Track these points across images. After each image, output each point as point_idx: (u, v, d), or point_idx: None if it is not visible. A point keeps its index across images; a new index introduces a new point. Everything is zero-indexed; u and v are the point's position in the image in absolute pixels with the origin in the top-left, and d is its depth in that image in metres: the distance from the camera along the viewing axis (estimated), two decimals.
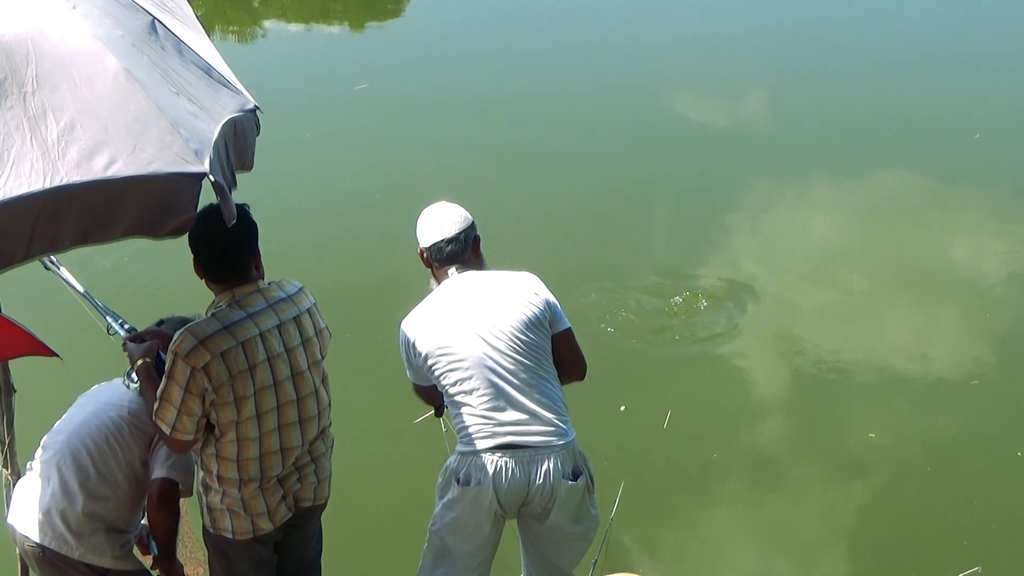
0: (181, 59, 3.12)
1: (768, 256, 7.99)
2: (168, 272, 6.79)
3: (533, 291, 3.97)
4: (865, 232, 8.36)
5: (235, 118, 3.06)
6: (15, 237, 2.60)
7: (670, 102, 10.71)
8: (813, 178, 9.18)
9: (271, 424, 3.63)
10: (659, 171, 9.34)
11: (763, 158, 9.55)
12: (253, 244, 3.57)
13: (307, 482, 3.84)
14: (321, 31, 13.70)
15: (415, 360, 3.95)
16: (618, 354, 6.83)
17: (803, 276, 7.74)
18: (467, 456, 3.89)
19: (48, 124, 2.67)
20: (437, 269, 4.02)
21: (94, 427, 3.92)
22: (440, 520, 4.01)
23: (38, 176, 2.59)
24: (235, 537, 3.77)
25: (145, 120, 2.76)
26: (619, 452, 5.89)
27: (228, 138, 2.99)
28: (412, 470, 4.92)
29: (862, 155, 9.52)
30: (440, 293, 3.98)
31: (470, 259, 4.01)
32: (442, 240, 3.96)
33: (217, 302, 3.58)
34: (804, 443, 6.19)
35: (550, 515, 3.94)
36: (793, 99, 10.83)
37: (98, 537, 3.90)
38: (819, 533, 5.56)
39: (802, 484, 5.88)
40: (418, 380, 4.07)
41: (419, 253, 4.06)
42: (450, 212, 4.03)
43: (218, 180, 2.79)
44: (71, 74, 2.77)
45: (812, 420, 6.37)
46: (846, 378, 6.67)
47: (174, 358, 3.44)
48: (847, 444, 6.13)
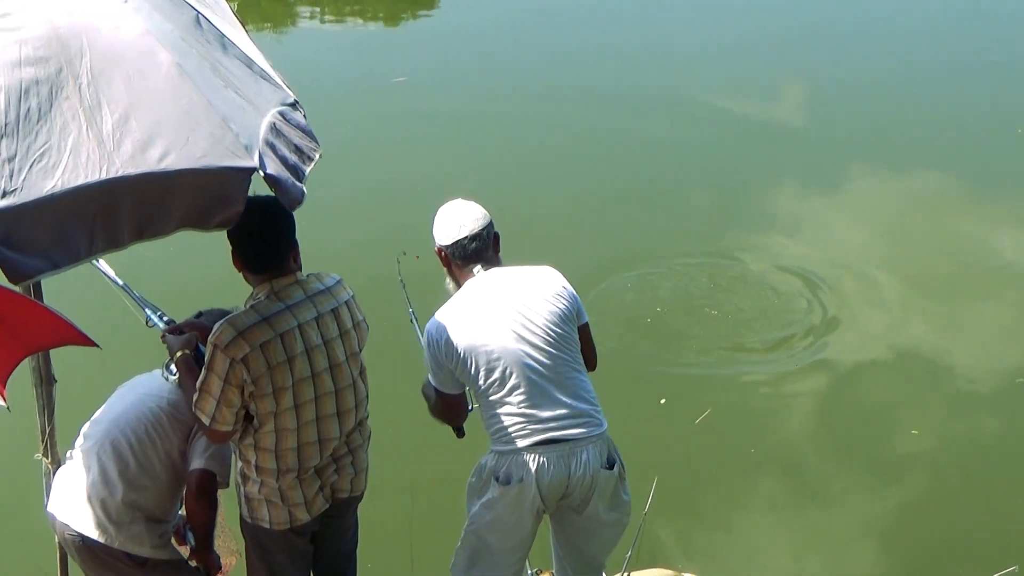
0: (225, 53, 3.15)
1: (811, 255, 7.94)
2: (206, 265, 6.82)
3: (560, 284, 3.96)
4: (906, 229, 8.34)
5: (281, 110, 3.08)
6: (78, 230, 2.64)
7: (705, 97, 10.69)
8: (852, 175, 9.13)
9: (309, 415, 3.64)
10: (697, 165, 9.35)
11: (799, 154, 9.54)
12: (291, 236, 3.59)
13: (344, 473, 3.86)
14: (356, 24, 13.73)
15: (447, 362, 3.87)
16: (658, 346, 6.84)
17: (843, 274, 7.71)
18: (506, 455, 3.87)
19: (103, 115, 2.71)
20: (460, 268, 3.96)
21: (134, 417, 3.95)
22: (479, 520, 3.99)
23: (94, 166, 2.62)
24: (272, 527, 3.79)
25: (197, 114, 2.80)
26: (656, 445, 5.91)
27: (280, 129, 3.02)
28: (448, 464, 4.91)
29: (899, 151, 9.48)
30: (468, 292, 3.92)
31: (492, 256, 3.98)
32: (465, 237, 3.91)
33: (256, 294, 3.59)
34: (844, 440, 6.18)
35: (588, 505, 3.95)
36: (829, 95, 10.78)
37: (137, 526, 3.93)
38: (854, 531, 5.54)
39: (839, 481, 5.86)
40: (446, 386, 3.96)
41: (437, 252, 3.99)
42: (470, 209, 3.98)
43: (270, 173, 2.82)
44: (124, 67, 2.81)
45: (852, 417, 6.35)
46: (888, 375, 6.66)
47: (213, 349, 3.46)
48: (888, 441, 6.10)
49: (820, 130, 10.09)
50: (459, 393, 3.99)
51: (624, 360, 6.69)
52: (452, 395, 3.99)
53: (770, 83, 11.06)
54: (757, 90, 10.90)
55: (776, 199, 8.69)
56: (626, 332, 7.00)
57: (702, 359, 6.80)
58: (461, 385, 3.96)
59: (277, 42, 12.74)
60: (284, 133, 3.08)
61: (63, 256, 2.62)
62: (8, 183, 2.56)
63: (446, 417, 4.13)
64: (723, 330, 7.05)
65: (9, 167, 2.58)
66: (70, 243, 2.63)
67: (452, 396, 3.99)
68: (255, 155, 2.83)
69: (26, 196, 2.56)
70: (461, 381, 3.93)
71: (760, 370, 6.71)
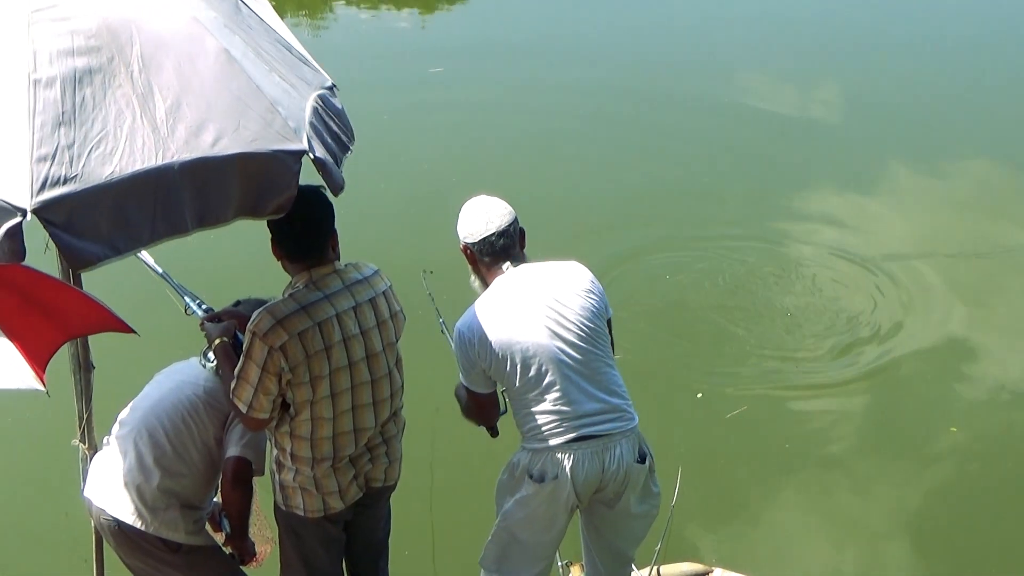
0: (266, 38, 3.20)
1: (852, 251, 7.88)
2: (244, 255, 6.87)
3: (589, 279, 3.95)
4: (948, 224, 8.27)
5: (321, 94, 3.11)
6: (138, 216, 2.67)
7: (742, 89, 10.67)
8: (892, 170, 9.07)
9: (345, 405, 3.66)
10: (738, 155, 9.33)
11: (839, 146, 9.47)
12: (330, 224, 3.60)
13: (378, 463, 3.87)
14: (391, 13, 13.72)
15: (479, 360, 3.84)
16: (696, 339, 6.86)
17: (883, 270, 7.64)
18: (541, 452, 3.86)
19: (156, 102, 2.74)
20: (487, 265, 3.93)
21: (171, 404, 3.98)
22: (512, 516, 3.99)
23: (150, 151, 2.66)
24: (306, 515, 3.82)
25: (246, 98, 2.83)
26: (688, 438, 5.92)
27: (322, 113, 3.05)
28: (482, 454, 4.94)
29: (944, 144, 9.41)
30: (498, 289, 3.89)
31: (519, 253, 3.96)
32: (492, 234, 3.88)
33: (295, 283, 3.61)
34: (880, 436, 6.14)
35: (620, 499, 3.96)
36: (867, 90, 10.73)
37: (172, 512, 3.96)
38: (888, 529, 5.51)
39: (875, 477, 5.84)
40: (477, 385, 3.94)
41: (463, 249, 3.97)
42: (496, 205, 3.94)
43: (318, 156, 2.85)
44: (174, 54, 2.84)
45: (890, 413, 6.31)
46: (927, 371, 6.61)
47: (252, 337, 3.48)
48: (925, 439, 6.07)
49: (859, 125, 10.02)
50: (490, 392, 3.98)
51: (661, 350, 6.70)
52: (483, 394, 3.98)
53: (808, 80, 11.01)
54: (795, 87, 10.86)
55: (816, 195, 8.64)
56: (663, 322, 6.98)
57: (741, 353, 6.76)
58: (492, 384, 3.95)
59: (313, 31, 12.76)
60: (325, 118, 3.11)
61: (125, 241, 2.66)
62: (68, 170, 2.59)
63: (478, 417, 4.12)
64: (764, 324, 7.02)
65: (68, 154, 2.61)
66: (131, 228, 2.66)
67: (483, 395, 3.98)
68: (303, 138, 2.86)
69: (85, 183, 2.60)
70: (494, 379, 3.92)
71: (798, 366, 6.66)
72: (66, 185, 2.58)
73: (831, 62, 11.41)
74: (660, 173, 9.02)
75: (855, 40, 12.03)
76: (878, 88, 10.75)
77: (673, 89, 10.57)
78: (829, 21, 12.66)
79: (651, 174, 9.01)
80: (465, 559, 4.46)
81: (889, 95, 10.57)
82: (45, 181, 2.57)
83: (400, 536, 4.30)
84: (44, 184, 2.57)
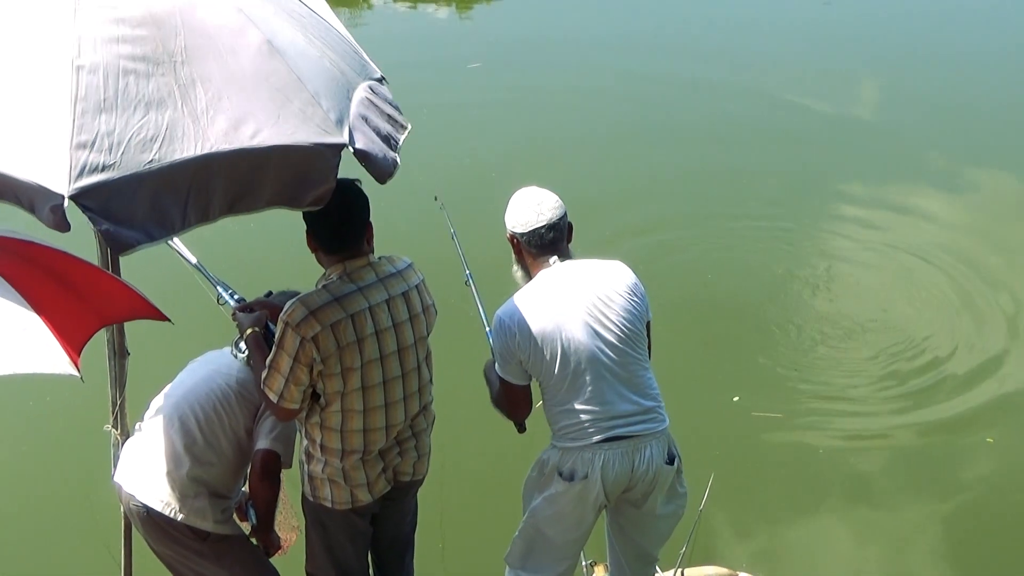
0: (316, 25, 3.20)
1: (886, 259, 7.87)
2: (277, 247, 6.92)
3: (633, 281, 3.94)
4: (981, 234, 8.19)
5: (370, 84, 3.13)
6: (172, 204, 2.70)
7: (779, 91, 10.64)
8: (928, 176, 9.01)
9: (377, 400, 3.67)
10: (774, 158, 9.30)
11: (873, 153, 9.40)
12: (366, 217, 3.61)
13: (407, 457, 3.88)
14: (429, 7, 13.73)
15: (518, 351, 3.82)
16: (736, 341, 6.86)
17: (921, 273, 7.64)
18: (571, 451, 3.86)
19: (197, 93, 2.76)
20: (534, 257, 3.92)
21: (203, 393, 4.00)
22: (539, 513, 3.99)
23: (190, 142, 2.68)
24: (334, 506, 3.83)
25: (287, 91, 2.85)
26: (719, 441, 5.91)
27: (369, 102, 3.06)
28: (509, 451, 4.95)
29: (978, 153, 9.32)
30: (543, 282, 3.88)
31: (565, 248, 3.95)
32: (543, 226, 3.88)
33: (328, 274, 3.62)
34: (916, 447, 6.10)
35: (647, 500, 3.95)
36: (906, 92, 10.68)
37: (201, 501, 3.98)
38: (921, 540, 5.47)
39: (909, 488, 5.80)
40: (513, 376, 3.91)
41: (510, 239, 3.96)
42: (547, 198, 3.94)
43: (359, 148, 2.86)
44: (217, 46, 2.87)
45: (927, 423, 6.25)
46: (966, 381, 6.55)
47: (284, 327, 3.50)
48: (961, 450, 6.03)
49: (897, 125, 10.03)
50: (524, 385, 3.95)
51: (699, 351, 6.72)
52: (518, 386, 3.94)
53: (848, 77, 11.00)
54: (834, 84, 10.85)
55: (851, 204, 8.61)
56: (702, 322, 7.00)
57: (781, 358, 6.74)
58: (528, 377, 3.92)
59: (352, 25, 12.80)
60: (375, 104, 3.12)
61: (158, 229, 2.68)
62: (107, 157, 2.61)
63: (508, 409, 4.07)
64: (804, 330, 7.00)
65: (108, 141, 2.63)
66: (165, 217, 2.69)
67: (518, 387, 3.94)
68: (345, 130, 2.88)
69: (124, 170, 2.62)
70: (530, 372, 3.89)
71: (836, 371, 6.63)
72: (104, 172, 2.60)
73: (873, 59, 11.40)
74: (706, 171, 9.02)
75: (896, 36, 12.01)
76: (919, 86, 10.72)
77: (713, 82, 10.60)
78: (871, 18, 12.61)
79: (695, 172, 9.02)
80: (490, 555, 4.46)
81: (929, 94, 10.53)
82: (84, 167, 2.59)
83: (425, 530, 4.30)
84: (83, 170, 2.59)
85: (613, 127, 9.79)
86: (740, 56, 11.40)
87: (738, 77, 10.81)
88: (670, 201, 8.54)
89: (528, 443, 4.28)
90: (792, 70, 11.09)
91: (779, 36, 12.05)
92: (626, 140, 9.57)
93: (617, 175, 8.94)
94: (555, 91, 10.40)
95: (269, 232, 7.16)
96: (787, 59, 11.43)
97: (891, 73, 11.10)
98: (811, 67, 11.21)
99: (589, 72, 10.82)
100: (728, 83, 10.66)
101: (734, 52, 11.51)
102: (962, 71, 11.12)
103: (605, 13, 12.70)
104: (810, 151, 9.44)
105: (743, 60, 11.28)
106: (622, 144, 9.51)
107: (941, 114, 10.13)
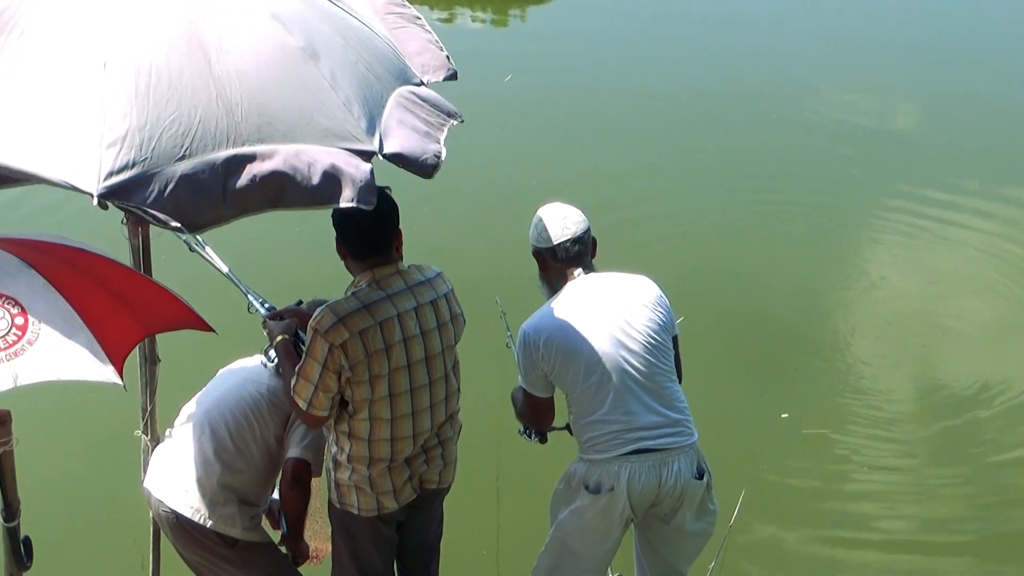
0: (353, 28, 3.21)
1: (921, 277, 7.86)
2: (308, 258, 6.94)
3: (658, 294, 3.96)
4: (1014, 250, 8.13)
5: (406, 86, 3.14)
6: (207, 197, 2.68)
7: (812, 105, 10.62)
8: (964, 197, 8.94)
9: (405, 409, 3.68)
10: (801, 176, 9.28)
11: (907, 168, 9.38)
12: (395, 224, 3.64)
13: (434, 465, 3.88)
14: (464, 18, 13.75)
15: (542, 363, 3.85)
16: (775, 357, 6.84)
17: (954, 289, 7.63)
18: (598, 464, 3.85)
19: (232, 87, 2.78)
20: (559, 270, 3.95)
21: (234, 401, 4.03)
22: (566, 526, 3.98)
23: (222, 135, 2.69)
24: (360, 514, 3.83)
25: (321, 95, 2.89)
26: (756, 456, 5.90)
27: (406, 103, 3.07)
28: (534, 462, 4.95)
29: (1017, 173, 9.27)
30: (569, 295, 3.91)
31: (589, 261, 3.98)
32: (568, 240, 3.91)
33: (357, 282, 3.64)
34: (959, 469, 6.02)
35: (676, 515, 3.93)
36: (943, 108, 10.65)
37: (230, 508, 4.00)
38: (959, 564, 5.42)
39: (945, 511, 5.74)
40: (536, 388, 3.95)
41: (535, 253, 4.00)
42: (572, 212, 3.97)
43: (390, 152, 2.89)
44: (251, 46, 2.89)
45: (972, 446, 6.20)
46: (997, 396, 6.50)
47: (314, 334, 3.52)
48: (1008, 473, 5.97)
49: (932, 143, 9.98)
50: (548, 397, 3.98)
51: (748, 364, 6.72)
52: (541, 398, 3.98)
53: (884, 94, 10.99)
54: (871, 101, 10.85)
55: (879, 216, 8.58)
56: (753, 334, 7.02)
57: (825, 375, 6.72)
58: (551, 389, 3.95)
59: None
60: (412, 103, 3.13)
61: (191, 221, 2.68)
62: (138, 153, 2.62)
63: (532, 420, 4.11)
64: (852, 350, 6.97)
65: (139, 136, 2.64)
66: (196, 210, 2.68)
67: (541, 399, 3.98)
68: (375, 138, 2.89)
69: (155, 166, 2.62)
70: (555, 384, 3.92)
71: (877, 387, 6.60)
72: (134, 168, 2.60)
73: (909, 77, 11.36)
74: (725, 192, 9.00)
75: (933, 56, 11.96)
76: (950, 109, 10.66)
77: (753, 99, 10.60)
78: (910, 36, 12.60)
79: (718, 192, 9.00)
80: (518, 564, 4.45)
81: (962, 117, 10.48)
82: (113, 166, 2.60)
83: (450, 540, 4.30)
84: (112, 170, 2.59)
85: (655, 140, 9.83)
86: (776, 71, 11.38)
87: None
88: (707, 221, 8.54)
89: (558, 456, 4.28)
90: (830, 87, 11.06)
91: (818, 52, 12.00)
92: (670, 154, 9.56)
93: (655, 189, 8.97)
94: (588, 105, 10.39)
95: (300, 242, 7.20)
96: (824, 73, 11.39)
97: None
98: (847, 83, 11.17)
99: (619, 89, 10.81)
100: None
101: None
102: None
103: (639, 30, 12.60)
104: (854, 161, 9.44)
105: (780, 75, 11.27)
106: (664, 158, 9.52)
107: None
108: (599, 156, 9.29)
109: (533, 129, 9.88)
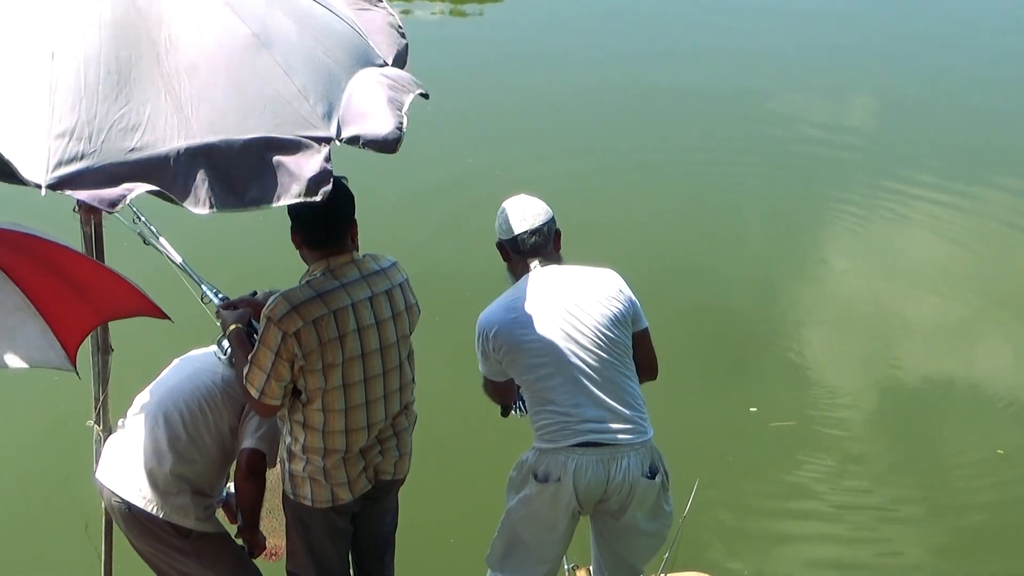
0: (311, 12, 3.18)
1: (879, 270, 7.93)
2: (262, 248, 6.91)
3: (617, 288, 3.95)
4: (976, 249, 8.23)
5: (370, 68, 3.12)
6: (158, 193, 2.64)
7: (773, 106, 10.67)
8: (920, 190, 9.03)
9: (358, 399, 3.67)
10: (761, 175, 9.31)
11: (864, 162, 9.48)
12: (351, 213, 3.62)
13: (388, 456, 3.88)
14: (424, 13, 13.72)
15: (494, 354, 3.90)
16: (738, 350, 6.89)
17: (921, 288, 7.70)
18: (547, 453, 3.87)
19: (181, 83, 2.75)
20: (517, 262, 3.97)
21: (188, 390, 4.00)
22: (515, 514, 4.01)
23: (173, 131, 2.66)
24: (314, 505, 3.82)
25: (275, 84, 2.87)
26: (712, 451, 5.92)
27: (367, 83, 3.04)
28: (490, 453, 4.96)
29: (970, 168, 9.35)
30: (522, 286, 3.93)
31: (551, 253, 3.98)
32: (526, 232, 3.92)
33: (312, 271, 3.63)
34: (921, 458, 6.10)
35: (626, 512, 3.94)
36: (901, 106, 10.74)
37: (183, 498, 3.98)
38: (916, 552, 5.49)
39: (909, 501, 5.81)
40: (492, 375, 4.03)
41: (497, 244, 4.03)
42: (533, 204, 3.99)
43: (350, 136, 2.88)
44: (203, 39, 2.85)
45: (933, 436, 6.27)
46: (967, 395, 6.60)
47: (267, 322, 3.50)
48: (968, 461, 6.04)
49: (889, 138, 10.08)
50: (507, 381, 4.04)
51: (712, 359, 6.75)
52: (499, 383, 4.06)
53: (842, 94, 11.07)
54: (830, 100, 10.93)
55: (837, 217, 8.65)
56: (714, 328, 7.05)
57: (787, 371, 6.77)
58: (507, 374, 3.99)
59: None
60: (373, 83, 3.09)
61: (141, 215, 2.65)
62: (87, 146, 2.59)
63: (495, 396, 4.21)
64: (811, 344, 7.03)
65: (88, 129, 2.61)
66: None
67: (498, 383, 4.07)
68: (332, 124, 2.87)
69: (104, 159, 2.59)
70: (508, 372, 3.96)
71: (843, 384, 6.66)
72: (83, 161, 2.58)
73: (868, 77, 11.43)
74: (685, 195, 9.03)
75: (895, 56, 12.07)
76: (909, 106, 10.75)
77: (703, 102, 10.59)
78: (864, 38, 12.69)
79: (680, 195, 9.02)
80: (472, 556, 4.45)
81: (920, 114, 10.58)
82: (62, 157, 2.57)
83: (405, 531, 4.29)
84: (60, 160, 2.56)
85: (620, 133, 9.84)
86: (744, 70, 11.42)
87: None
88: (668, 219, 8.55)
89: (513, 444, 4.28)
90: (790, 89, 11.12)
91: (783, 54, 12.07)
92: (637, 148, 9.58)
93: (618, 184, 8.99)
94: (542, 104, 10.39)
95: (254, 232, 7.16)
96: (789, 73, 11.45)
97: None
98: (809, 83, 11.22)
99: (578, 87, 10.82)
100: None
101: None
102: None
103: (596, 29, 12.64)
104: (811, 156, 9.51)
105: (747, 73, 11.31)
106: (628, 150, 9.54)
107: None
108: (552, 146, 9.37)
109: (491, 125, 9.89)
